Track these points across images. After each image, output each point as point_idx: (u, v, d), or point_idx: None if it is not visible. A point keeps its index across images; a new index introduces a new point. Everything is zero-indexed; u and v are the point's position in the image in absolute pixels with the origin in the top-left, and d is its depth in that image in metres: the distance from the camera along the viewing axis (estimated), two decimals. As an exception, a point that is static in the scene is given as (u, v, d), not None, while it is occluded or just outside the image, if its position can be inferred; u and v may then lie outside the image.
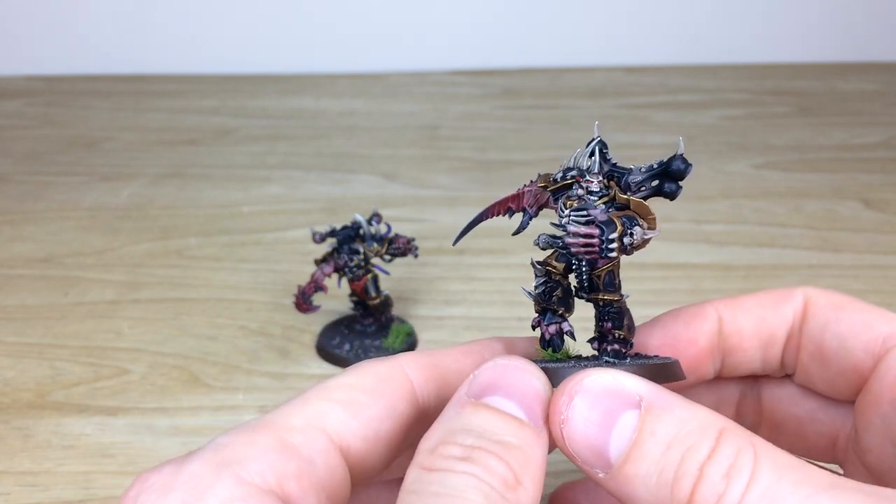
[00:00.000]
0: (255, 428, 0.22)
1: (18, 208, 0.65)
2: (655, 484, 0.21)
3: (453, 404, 0.23)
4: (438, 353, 0.27)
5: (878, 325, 0.26)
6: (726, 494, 0.20)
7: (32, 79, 0.93)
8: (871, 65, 0.95)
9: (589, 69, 0.95)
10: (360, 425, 0.24)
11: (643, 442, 0.22)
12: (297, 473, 0.22)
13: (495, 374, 0.23)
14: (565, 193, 0.26)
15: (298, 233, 0.61)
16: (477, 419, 0.22)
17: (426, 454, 0.22)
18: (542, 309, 0.26)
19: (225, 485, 0.20)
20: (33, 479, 0.39)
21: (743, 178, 0.69)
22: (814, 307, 0.28)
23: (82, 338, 0.49)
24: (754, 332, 0.29)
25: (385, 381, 0.25)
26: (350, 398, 0.24)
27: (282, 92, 0.89)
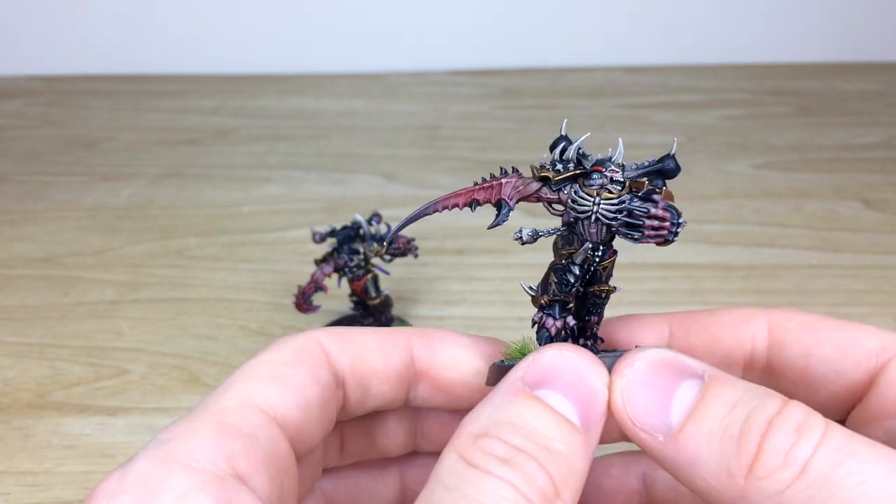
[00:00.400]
0: (192, 418, 0.23)
1: (18, 208, 0.65)
2: (720, 440, 0.20)
3: (505, 388, 0.22)
4: (358, 330, 0.27)
5: (864, 340, 0.26)
6: (798, 446, 0.19)
7: (32, 79, 0.93)
8: (871, 65, 0.95)
9: (589, 69, 0.95)
10: (290, 395, 0.24)
11: (707, 403, 0.21)
12: (243, 451, 0.22)
13: (556, 364, 0.22)
14: (570, 185, 0.25)
15: (298, 233, 0.61)
16: (528, 414, 0.21)
17: (468, 440, 0.21)
18: (551, 302, 0.26)
19: (177, 478, 0.20)
20: (33, 479, 0.39)
21: (743, 178, 0.69)
22: (783, 332, 0.27)
23: (82, 338, 0.49)
24: (706, 351, 0.27)
25: (303, 351, 0.25)
26: (274, 372, 0.24)
27: (282, 92, 0.89)
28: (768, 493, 0.19)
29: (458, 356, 0.28)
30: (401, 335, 0.28)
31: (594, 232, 0.25)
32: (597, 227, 0.25)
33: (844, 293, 0.53)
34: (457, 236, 0.60)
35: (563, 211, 0.25)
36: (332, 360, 0.26)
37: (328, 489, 0.29)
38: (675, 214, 0.24)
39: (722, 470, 0.20)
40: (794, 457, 0.19)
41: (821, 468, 0.19)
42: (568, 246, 0.26)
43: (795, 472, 0.19)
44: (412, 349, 0.28)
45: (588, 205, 0.25)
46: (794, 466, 0.19)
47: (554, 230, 0.26)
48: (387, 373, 0.27)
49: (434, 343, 0.28)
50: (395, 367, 0.27)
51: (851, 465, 0.19)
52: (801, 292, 0.53)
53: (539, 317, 0.26)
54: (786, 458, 0.19)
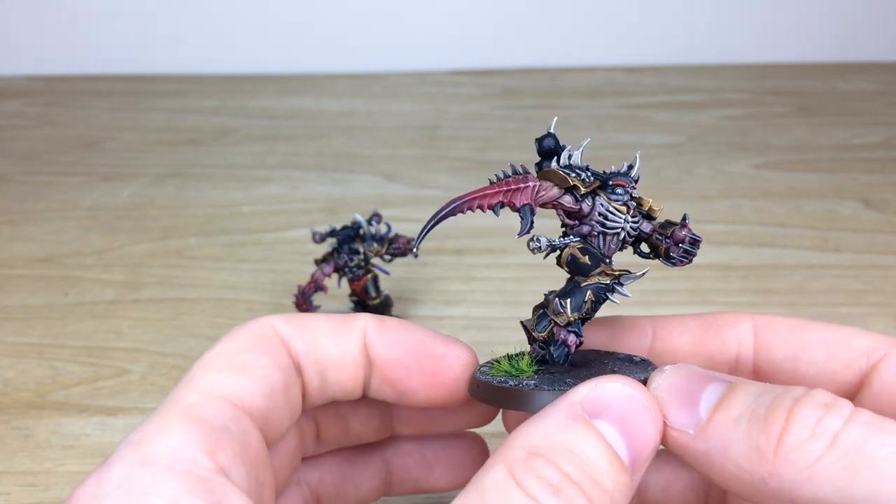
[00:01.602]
0: (161, 417, 0.22)
1: (18, 208, 0.65)
2: (748, 422, 0.20)
3: (564, 409, 0.22)
4: (313, 316, 0.27)
5: (852, 341, 0.26)
6: (826, 419, 0.19)
7: (32, 79, 0.93)
8: (871, 65, 0.95)
9: (589, 69, 0.95)
10: (254, 383, 0.24)
11: (734, 394, 0.22)
12: (219, 445, 0.21)
13: (619, 399, 0.22)
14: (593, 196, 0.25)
15: (298, 233, 0.61)
16: (585, 443, 0.21)
17: (521, 455, 0.21)
18: (580, 319, 0.25)
19: (163, 482, 0.19)
20: (33, 479, 0.39)
21: (743, 178, 0.69)
22: (770, 335, 0.27)
23: (82, 338, 0.49)
24: (689, 353, 0.27)
25: (260, 338, 0.25)
26: (235, 361, 0.24)
27: (282, 92, 0.89)
28: (799, 467, 0.19)
29: (409, 349, 0.27)
30: (356, 320, 0.27)
31: (614, 247, 0.25)
32: (617, 242, 0.25)
33: (844, 293, 0.53)
34: (457, 236, 0.60)
35: (578, 223, 0.25)
36: (288, 345, 0.26)
37: (313, 481, 0.29)
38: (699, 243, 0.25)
39: (752, 450, 0.20)
40: (824, 429, 0.19)
41: (852, 439, 0.19)
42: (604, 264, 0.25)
43: (826, 444, 0.19)
44: (366, 336, 0.27)
45: (620, 221, 0.25)
46: (824, 438, 0.19)
47: (567, 241, 0.25)
48: (342, 359, 0.26)
49: (387, 333, 0.27)
50: (351, 354, 0.26)
51: (884, 437, 0.19)
52: (801, 292, 0.53)
53: (564, 334, 0.25)
54: (814, 430, 0.19)
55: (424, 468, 0.31)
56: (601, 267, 0.25)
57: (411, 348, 0.27)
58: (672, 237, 0.25)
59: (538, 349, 0.26)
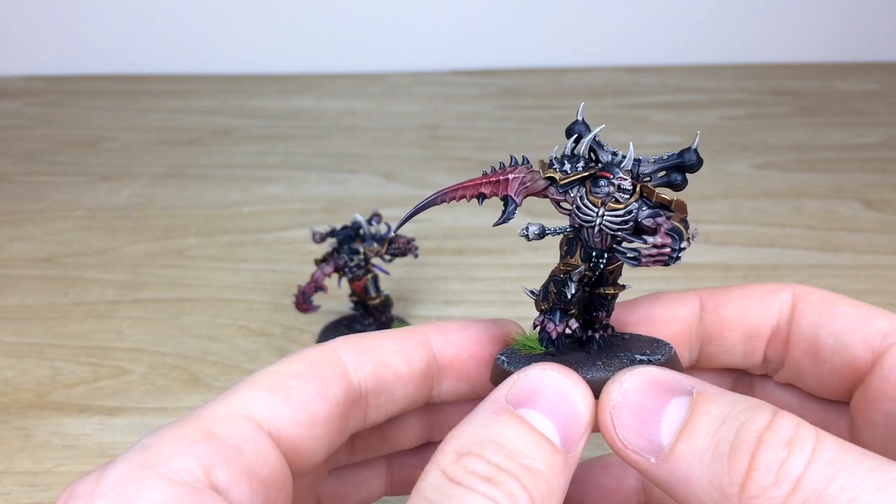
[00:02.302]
0: (179, 424, 0.22)
1: (18, 208, 0.65)
2: (711, 458, 0.20)
3: (489, 405, 0.22)
4: (377, 335, 0.27)
5: (875, 320, 0.26)
6: (789, 462, 0.19)
7: (32, 79, 0.93)
8: (871, 65, 0.95)
9: (589, 69, 0.95)
10: (290, 410, 0.23)
11: (696, 421, 0.21)
12: (223, 461, 0.21)
13: (540, 383, 0.22)
14: (577, 186, 0.24)
15: (298, 233, 0.61)
16: (510, 432, 0.21)
17: (451, 458, 0.21)
18: (550, 308, 0.26)
19: (154, 487, 0.20)
20: (33, 479, 0.39)
21: (743, 178, 0.69)
22: (804, 304, 0.28)
23: (82, 338, 0.49)
24: (737, 322, 0.28)
25: (316, 364, 0.25)
26: (278, 384, 0.24)
27: (282, 92, 0.89)
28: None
29: (479, 342, 0.28)
30: (417, 334, 0.27)
31: (598, 241, 0.24)
32: (601, 235, 0.24)
33: (844, 293, 0.52)
34: (457, 236, 0.60)
35: (570, 212, 0.25)
36: (353, 372, 0.25)
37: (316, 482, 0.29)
38: (677, 239, 0.23)
39: (715, 489, 0.20)
40: (786, 473, 0.19)
41: (813, 485, 0.19)
42: (570, 256, 0.25)
43: (787, 490, 0.19)
44: (431, 346, 0.27)
45: (592, 216, 0.24)
46: (787, 483, 0.19)
47: (561, 229, 0.25)
48: (410, 374, 0.27)
49: (452, 336, 0.28)
50: (418, 368, 0.27)
51: (843, 480, 0.19)
52: (801, 292, 0.53)
53: (540, 320, 0.26)
54: (777, 475, 0.19)
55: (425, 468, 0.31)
56: (566, 259, 0.25)
57: (477, 339, 0.28)
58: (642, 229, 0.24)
59: None
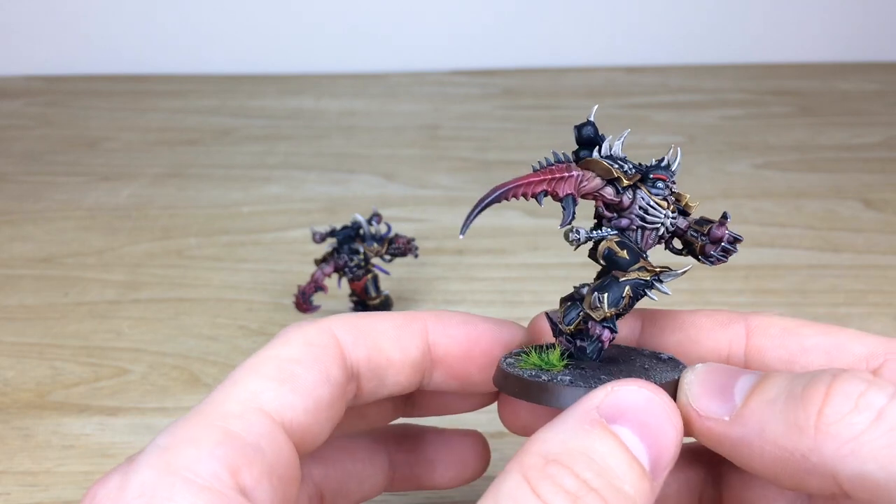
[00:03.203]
0: (193, 423, 0.21)
1: (18, 208, 0.65)
2: (785, 400, 0.20)
3: (581, 414, 0.21)
4: (374, 317, 0.26)
5: (851, 346, 0.25)
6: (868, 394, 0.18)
7: (32, 79, 0.93)
8: (871, 65, 0.95)
9: (589, 69, 0.95)
10: (298, 398, 0.23)
11: (769, 378, 0.21)
12: (247, 463, 0.21)
13: (637, 402, 0.21)
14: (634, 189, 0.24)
15: (298, 233, 0.61)
16: (603, 447, 0.20)
17: (537, 462, 0.20)
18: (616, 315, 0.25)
19: (183, 495, 0.19)
20: (33, 479, 0.39)
21: (743, 178, 0.69)
22: (765, 338, 0.26)
23: (82, 338, 0.49)
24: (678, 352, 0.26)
25: (316, 346, 0.24)
26: (283, 371, 0.23)
27: (282, 92, 0.89)
28: (841, 440, 0.18)
29: (478, 342, 0.27)
30: (416, 320, 0.27)
31: (651, 242, 0.24)
32: (655, 237, 0.24)
33: (844, 293, 0.53)
34: (457, 236, 0.60)
35: (618, 216, 0.24)
36: (347, 352, 0.25)
37: (318, 477, 0.29)
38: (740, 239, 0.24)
39: (791, 428, 0.19)
40: (868, 402, 0.18)
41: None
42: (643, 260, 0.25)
43: (870, 417, 0.18)
44: (428, 335, 0.27)
45: (660, 216, 0.24)
46: (869, 411, 0.18)
47: (605, 233, 0.25)
48: (403, 362, 0.26)
49: (451, 330, 0.27)
50: (412, 356, 0.26)
51: None
52: (801, 292, 0.53)
53: (599, 329, 0.25)
54: (857, 402, 0.18)
55: (426, 465, 0.31)
56: (640, 262, 0.25)
57: (476, 340, 0.27)
58: (709, 235, 0.25)
59: (565, 342, 0.25)
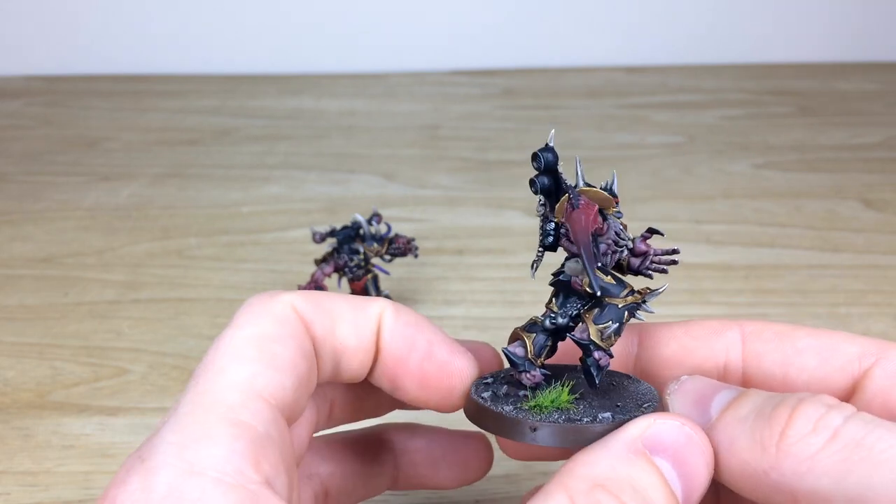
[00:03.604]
0: (200, 416, 0.21)
1: (18, 208, 0.65)
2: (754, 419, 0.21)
3: (626, 443, 0.22)
4: (333, 297, 0.26)
5: (843, 347, 0.25)
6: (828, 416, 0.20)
7: (32, 79, 0.93)
8: (871, 65, 0.95)
9: (589, 69, 0.95)
10: (286, 377, 0.23)
11: (745, 396, 0.23)
12: (264, 454, 0.21)
13: (678, 439, 0.22)
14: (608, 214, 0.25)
15: (298, 233, 0.61)
16: (647, 479, 0.21)
17: (583, 487, 0.21)
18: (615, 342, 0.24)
19: (215, 497, 0.19)
20: (33, 479, 0.39)
21: (743, 178, 0.69)
22: (759, 343, 0.26)
23: (82, 338, 0.49)
24: (676, 363, 0.27)
25: (284, 322, 0.24)
26: (265, 352, 0.23)
27: (282, 92, 0.89)
28: (799, 459, 0.20)
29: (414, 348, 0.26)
30: (374, 305, 0.26)
31: (612, 264, 0.25)
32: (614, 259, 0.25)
33: (844, 293, 0.53)
34: (457, 236, 0.60)
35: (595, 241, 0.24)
36: (308, 327, 0.25)
37: (324, 475, 0.29)
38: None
39: (755, 444, 0.21)
40: (825, 424, 0.20)
41: (851, 434, 0.20)
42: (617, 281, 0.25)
43: (826, 437, 0.20)
44: (381, 321, 0.26)
45: (627, 239, 0.25)
46: (825, 432, 0.20)
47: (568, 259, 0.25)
48: (357, 348, 0.26)
49: (399, 326, 0.26)
50: (366, 342, 0.26)
51: (882, 433, 0.20)
52: (801, 292, 0.53)
53: (602, 357, 0.24)
54: (816, 425, 0.20)
55: (431, 466, 0.31)
56: (628, 287, 0.25)
57: (417, 347, 0.26)
58: (633, 248, 0.25)
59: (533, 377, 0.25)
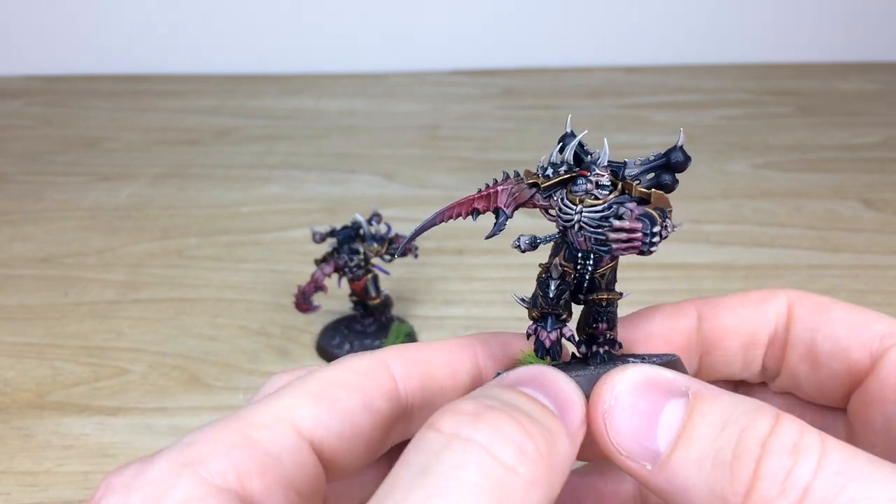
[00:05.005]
0: (222, 425, 0.22)
1: (18, 208, 0.65)
2: (712, 466, 0.20)
3: (483, 386, 0.22)
4: (426, 346, 0.26)
5: (873, 323, 0.26)
6: (795, 470, 0.18)
7: (32, 79, 0.93)
8: (871, 65, 0.95)
9: (589, 69, 0.95)
10: (334, 420, 0.23)
11: (694, 425, 0.20)
12: (260, 470, 0.21)
13: (531, 373, 0.22)
14: (560, 190, 0.24)
15: (298, 233, 0.61)
16: (506, 395, 0.20)
17: (436, 413, 0.20)
18: (542, 314, 0.25)
19: (184, 485, 0.20)
20: (33, 479, 0.39)
21: (743, 178, 0.69)
22: (800, 308, 0.27)
23: (82, 338, 0.49)
24: (735, 330, 0.28)
25: (363, 375, 0.24)
26: (323, 392, 0.23)
27: (282, 92, 0.89)
28: None
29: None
30: (467, 347, 0.27)
31: (581, 240, 0.24)
32: (583, 235, 0.24)
33: (844, 293, 0.53)
34: (457, 236, 0.60)
35: (555, 217, 0.24)
36: (400, 385, 0.25)
37: None
38: (648, 223, 0.22)
39: (716, 498, 0.19)
40: (793, 483, 0.19)
41: (822, 493, 0.18)
42: (554, 257, 0.25)
43: (795, 500, 0.18)
44: (479, 361, 0.27)
45: (571, 213, 0.24)
46: (794, 493, 0.18)
47: (552, 236, 0.25)
48: (455, 389, 0.26)
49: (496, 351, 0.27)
50: (464, 382, 0.26)
51: (854, 490, 0.18)
52: (801, 292, 0.53)
53: (533, 328, 0.25)
54: (783, 485, 0.19)
55: None
56: (549, 260, 0.25)
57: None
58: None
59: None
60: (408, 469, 0.18)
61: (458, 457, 0.18)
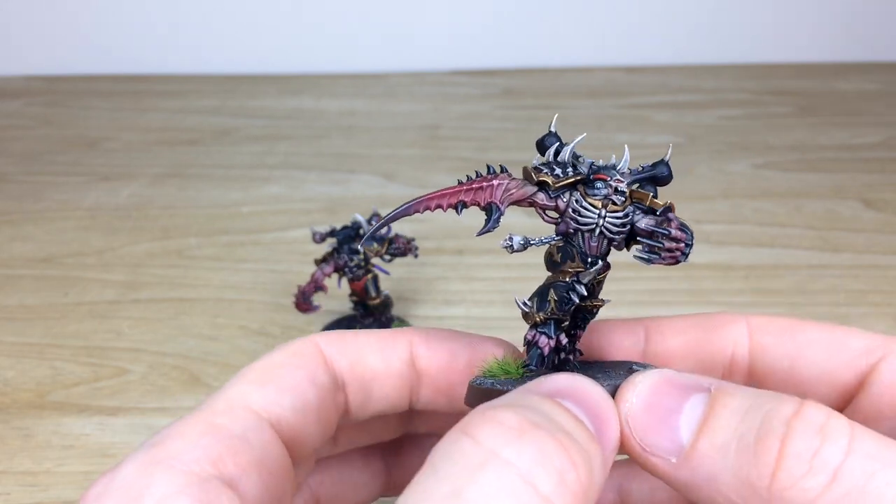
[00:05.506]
0: (184, 421, 0.22)
1: (18, 208, 0.65)
2: (736, 451, 0.19)
3: (517, 391, 0.21)
4: (358, 332, 0.27)
5: (850, 342, 0.25)
6: (823, 450, 0.18)
7: (32, 79, 0.93)
8: (871, 65, 0.95)
9: (589, 69, 0.95)
10: (285, 398, 0.24)
11: (717, 414, 0.20)
12: (231, 452, 0.21)
13: (573, 385, 0.21)
14: (568, 192, 0.24)
15: (298, 233, 0.61)
16: (546, 407, 0.19)
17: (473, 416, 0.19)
18: (546, 320, 0.24)
19: (160, 481, 0.20)
20: (33, 479, 0.39)
21: (743, 178, 0.69)
22: (767, 336, 0.26)
23: (82, 338, 0.49)
24: (683, 356, 0.26)
25: (298, 354, 0.25)
26: (267, 375, 0.24)
27: (282, 92, 0.89)
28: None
29: (456, 354, 0.27)
30: (401, 335, 0.27)
31: (595, 245, 0.23)
32: (598, 240, 0.23)
33: (844, 293, 0.53)
34: (457, 236, 0.60)
35: (559, 219, 0.24)
36: (331, 362, 0.26)
37: (314, 483, 0.29)
38: (690, 234, 0.22)
39: (742, 483, 0.19)
40: (822, 462, 0.18)
41: (855, 477, 0.17)
42: (570, 262, 0.24)
43: (825, 480, 0.18)
44: (413, 349, 0.27)
45: (593, 217, 0.23)
46: (824, 473, 0.18)
47: (547, 239, 0.24)
48: (388, 373, 0.26)
49: (434, 342, 0.27)
50: (396, 368, 0.26)
51: (890, 475, 0.17)
52: (801, 292, 0.53)
53: (532, 335, 0.24)
54: (811, 463, 0.18)
55: None
56: (565, 265, 0.24)
57: (458, 352, 0.27)
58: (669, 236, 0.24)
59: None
60: (438, 482, 0.18)
61: (495, 484, 0.17)
